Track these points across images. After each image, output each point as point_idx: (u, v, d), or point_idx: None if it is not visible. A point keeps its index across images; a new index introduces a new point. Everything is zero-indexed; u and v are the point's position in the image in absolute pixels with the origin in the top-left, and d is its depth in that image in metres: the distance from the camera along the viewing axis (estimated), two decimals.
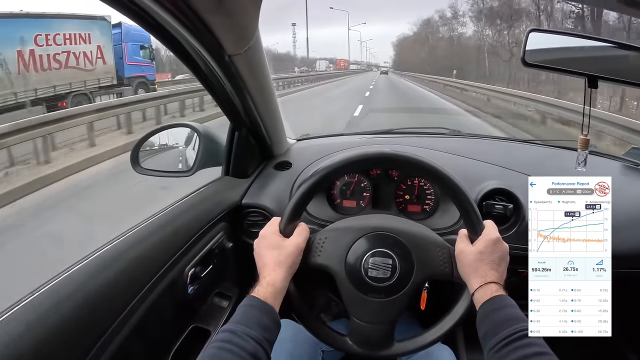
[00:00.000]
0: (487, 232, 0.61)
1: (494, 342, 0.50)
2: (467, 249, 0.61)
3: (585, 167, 0.72)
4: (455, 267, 0.62)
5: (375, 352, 0.64)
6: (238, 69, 0.69)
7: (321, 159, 0.94)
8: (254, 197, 0.91)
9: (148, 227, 0.70)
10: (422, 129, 1.22)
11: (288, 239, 0.62)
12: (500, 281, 0.58)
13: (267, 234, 0.62)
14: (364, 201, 0.93)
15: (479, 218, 0.62)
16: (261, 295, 0.55)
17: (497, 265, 0.59)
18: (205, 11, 0.54)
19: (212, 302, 0.87)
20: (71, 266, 0.56)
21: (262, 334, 0.51)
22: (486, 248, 0.59)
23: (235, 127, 0.89)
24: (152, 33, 0.59)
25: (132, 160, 0.89)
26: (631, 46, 0.76)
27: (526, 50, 0.74)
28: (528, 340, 0.49)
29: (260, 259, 0.61)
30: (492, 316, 0.53)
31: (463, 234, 0.63)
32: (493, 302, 0.55)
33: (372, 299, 0.63)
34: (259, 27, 0.67)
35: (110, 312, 0.55)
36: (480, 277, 0.57)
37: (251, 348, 0.49)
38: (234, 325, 0.51)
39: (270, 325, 0.53)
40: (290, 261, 0.60)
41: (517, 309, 0.54)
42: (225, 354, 0.48)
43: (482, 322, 0.54)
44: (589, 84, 0.74)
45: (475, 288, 0.57)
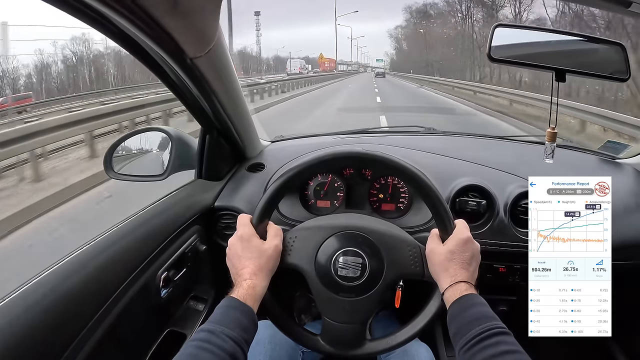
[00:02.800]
0: (458, 231, 0.61)
1: (464, 341, 0.50)
2: (437, 248, 0.61)
3: (552, 159, 0.72)
4: (426, 267, 0.62)
5: (347, 352, 0.64)
6: (201, 71, 0.69)
7: (294, 159, 0.94)
8: (226, 200, 0.91)
9: (118, 232, 0.69)
10: (397, 128, 1.22)
11: (267, 242, 0.62)
12: (471, 280, 0.58)
13: (245, 235, 0.62)
14: (337, 201, 0.93)
15: (449, 217, 0.62)
16: (241, 297, 0.55)
17: (467, 265, 0.59)
18: (162, 15, 0.53)
19: (188, 305, 0.87)
20: (41, 271, 0.56)
21: (240, 335, 0.51)
22: (457, 247, 0.59)
23: (206, 130, 0.89)
24: (114, 39, 0.58)
25: (105, 165, 0.89)
26: (599, 39, 0.77)
27: (492, 46, 0.74)
28: (497, 338, 0.49)
29: (239, 261, 0.60)
30: (462, 315, 0.53)
31: (434, 234, 0.63)
32: (462, 301, 0.55)
33: (342, 298, 0.63)
34: (220, 28, 0.67)
35: (81, 316, 0.55)
36: (450, 277, 0.57)
37: (230, 348, 0.49)
38: (213, 325, 0.51)
39: (248, 326, 0.53)
40: (271, 265, 0.61)
41: (487, 307, 0.54)
42: (204, 353, 0.48)
43: (452, 321, 0.54)
44: (557, 77, 0.74)
45: (445, 287, 0.57)
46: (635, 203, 0.93)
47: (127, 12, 0.50)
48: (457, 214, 0.87)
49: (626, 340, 1.12)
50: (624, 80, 0.75)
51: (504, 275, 0.90)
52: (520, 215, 0.88)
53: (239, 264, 0.60)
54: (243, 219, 0.64)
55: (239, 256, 0.60)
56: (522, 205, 0.87)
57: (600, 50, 0.77)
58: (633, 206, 0.93)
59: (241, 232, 0.62)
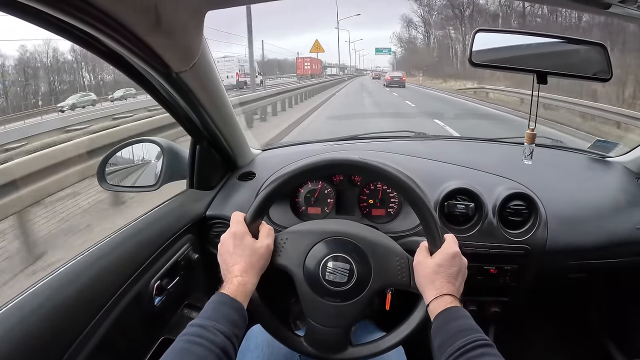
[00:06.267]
0: (446, 245, 0.62)
1: (448, 353, 0.51)
2: (425, 261, 0.61)
3: (531, 160, 0.73)
4: (413, 278, 0.63)
5: (329, 355, 0.65)
6: (188, 85, 0.70)
7: (284, 167, 0.95)
8: (218, 208, 0.93)
9: (112, 242, 0.71)
10: (387, 133, 1.23)
11: (260, 241, 0.63)
12: (457, 294, 0.58)
13: (238, 233, 0.62)
14: (328, 207, 0.94)
15: (439, 231, 0.63)
16: (231, 293, 0.56)
17: (453, 279, 0.59)
18: (145, 32, 0.55)
19: (182, 313, 0.88)
20: (37, 282, 0.58)
21: (231, 330, 0.52)
22: (444, 261, 0.60)
23: (196, 141, 0.91)
24: (100, 56, 0.60)
25: (99, 176, 0.91)
26: (580, 40, 0.77)
27: (473, 51, 0.75)
28: (481, 350, 0.50)
29: (231, 258, 0.61)
30: (447, 327, 0.54)
31: (423, 246, 0.64)
32: (447, 314, 0.55)
33: (328, 302, 0.64)
34: (205, 41, 0.68)
35: (76, 325, 0.56)
36: (436, 289, 0.58)
37: (221, 342, 0.50)
38: (204, 320, 0.52)
39: (239, 322, 0.55)
40: (262, 264, 0.62)
41: (471, 319, 0.55)
42: (195, 347, 0.49)
43: (437, 333, 0.55)
44: (538, 80, 0.75)
45: (430, 299, 0.58)
46: (625, 201, 0.94)
47: (111, 32, 0.51)
48: (446, 218, 0.88)
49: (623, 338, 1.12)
50: (606, 80, 0.76)
51: (494, 276, 0.91)
52: (509, 217, 0.88)
53: (230, 260, 0.61)
54: (237, 217, 0.65)
55: (231, 253, 0.61)
56: (510, 207, 0.88)
57: (581, 51, 0.78)
58: (624, 204, 0.93)
59: (234, 229, 0.63)
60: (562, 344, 1.20)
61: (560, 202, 0.90)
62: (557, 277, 1.00)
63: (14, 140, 7.24)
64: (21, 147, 5.64)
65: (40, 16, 0.46)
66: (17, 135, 8.22)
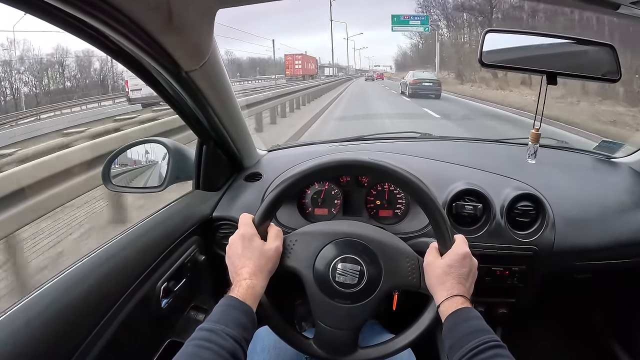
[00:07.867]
0: (457, 246, 0.62)
1: (460, 354, 0.50)
2: (435, 262, 0.61)
3: (535, 159, 0.73)
4: (423, 279, 0.62)
5: (338, 357, 0.64)
6: (197, 84, 0.70)
7: (290, 168, 0.95)
8: (224, 210, 0.92)
9: (118, 244, 0.70)
10: (393, 134, 1.22)
11: (268, 244, 0.62)
12: (467, 295, 0.58)
13: (247, 235, 0.61)
14: (335, 209, 0.93)
15: (449, 232, 0.62)
16: (240, 296, 0.55)
17: (464, 280, 0.59)
18: (157, 30, 0.54)
19: (189, 315, 0.87)
20: (42, 284, 0.57)
21: (240, 334, 0.51)
22: (454, 262, 0.59)
23: (203, 141, 0.90)
24: (110, 54, 0.59)
25: (104, 177, 0.89)
26: (589, 41, 0.78)
27: (483, 52, 0.75)
28: (493, 351, 0.49)
29: (239, 260, 0.60)
30: (458, 328, 0.54)
31: (433, 247, 0.64)
32: (458, 315, 0.55)
33: (338, 304, 0.63)
34: (214, 41, 0.68)
35: (82, 328, 0.55)
36: (447, 290, 0.58)
37: (230, 347, 0.49)
38: (213, 324, 0.52)
39: (248, 325, 0.54)
40: (270, 266, 0.61)
41: (483, 321, 0.54)
42: (204, 352, 0.48)
43: (448, 335, 0.54)
44: (548, 80, 0.75)
45: (441, 300, 0.58)
46: (631, 201, 0.94)
47: (123, 29, 0.51)
48: (454, 219, 0.88)
49: (628, 339, 1.12)
50: (615, 81, 0.76)
51: (502, 277, 0.90)
52: (517, 218, 0.88)
53: (239, 262, 0.60)
54: (245, 218, 0.64)
55: (239, 255, 0.60)
56: (518, 207, 0.88)
57: (590, 52, 0.78)
58: (630, 205, 0.93)
59: (243, 231, 0.62)
60: (567, 344, 1.20)
61: (567, 203, 0.90)
62: (563, 277, 1.00)
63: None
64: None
65: (50, 12, 0.45)
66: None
